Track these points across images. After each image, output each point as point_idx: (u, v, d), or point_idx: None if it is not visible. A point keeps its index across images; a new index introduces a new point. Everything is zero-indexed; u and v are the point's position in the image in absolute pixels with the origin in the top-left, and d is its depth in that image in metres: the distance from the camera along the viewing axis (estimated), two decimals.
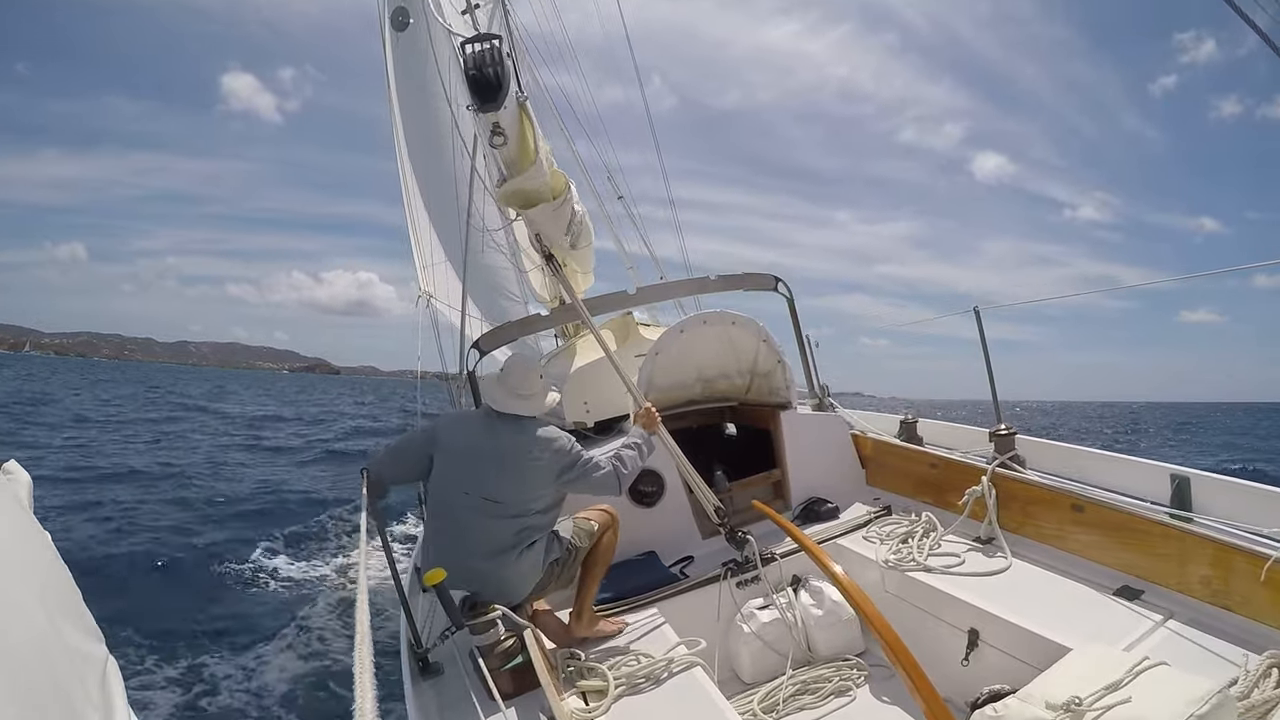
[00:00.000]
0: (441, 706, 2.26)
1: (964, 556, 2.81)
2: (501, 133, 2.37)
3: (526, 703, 2.14)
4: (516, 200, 2.78)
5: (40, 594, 0.79)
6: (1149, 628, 2.15)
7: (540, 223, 2.89)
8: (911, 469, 3.53)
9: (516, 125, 2.50)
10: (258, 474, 13.30)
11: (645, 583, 2.86)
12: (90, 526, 8.30)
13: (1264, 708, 1.65)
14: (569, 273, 4.54)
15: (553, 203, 2.82)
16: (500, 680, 2.18)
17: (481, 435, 2.44)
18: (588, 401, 4.53)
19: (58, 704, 0.73)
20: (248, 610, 6.26)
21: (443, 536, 2.41)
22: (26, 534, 0.88)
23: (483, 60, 2.21)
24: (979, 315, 3.44)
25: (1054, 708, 1.55)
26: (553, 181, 2.77)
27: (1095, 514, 2.60)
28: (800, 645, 2.76)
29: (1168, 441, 28.76)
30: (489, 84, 2.24)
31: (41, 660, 0.73)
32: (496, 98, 2.26)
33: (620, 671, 2.17)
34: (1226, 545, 2.17)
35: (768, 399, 3.93)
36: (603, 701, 2.05)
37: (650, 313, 6.33)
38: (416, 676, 2.41)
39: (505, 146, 2.45)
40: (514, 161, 2.63)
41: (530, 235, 3.16)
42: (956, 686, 2.28)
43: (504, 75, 2.22)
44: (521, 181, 2.65)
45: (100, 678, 0.85)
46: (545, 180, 2.71)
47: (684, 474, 3.09)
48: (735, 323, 3.73)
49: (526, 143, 2.57)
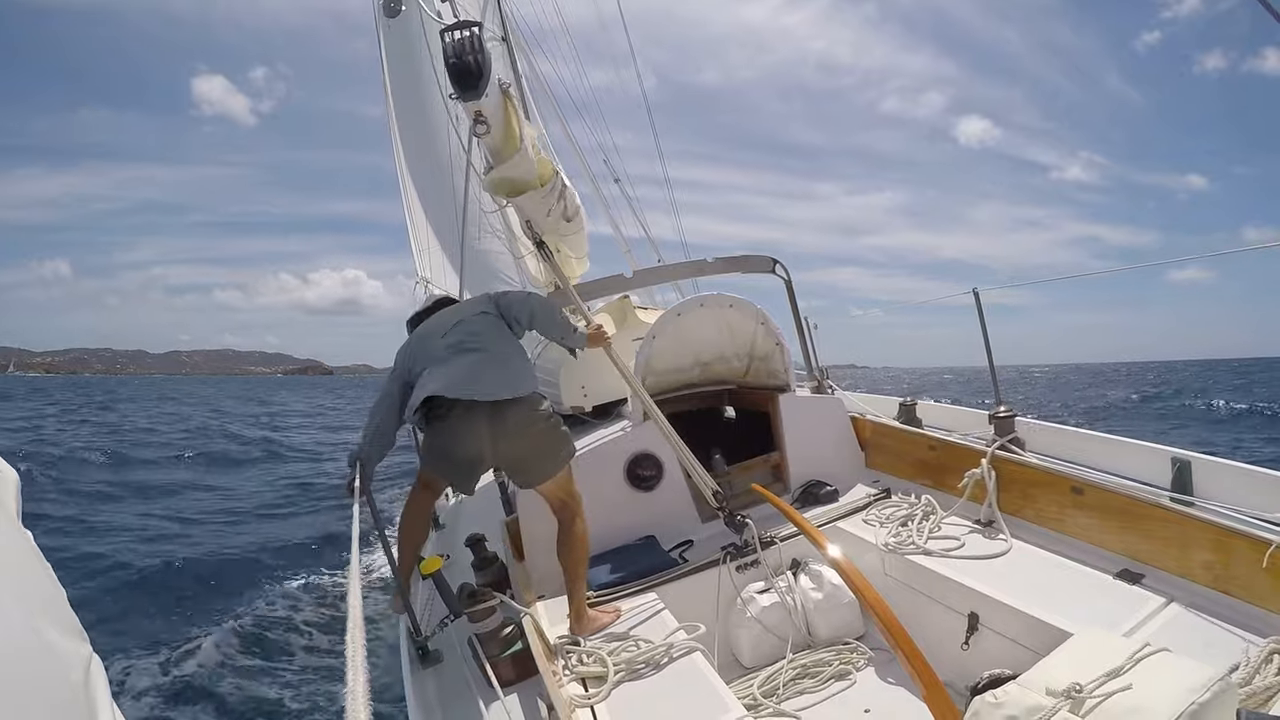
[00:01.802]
0: (441, 694, 2.26)
1: (964, 539, 2.81)
2: (484, 121, 2.33)
3: (526, 690, 2.14)
4: (503, 188, 2.75)
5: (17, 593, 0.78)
6: (1150, 612, 2.14)
7: (529, 210, 2.86)
8: (911, 451, 3.52)
9: (500, 113, 2.45)
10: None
11: (644, 567, 2.85)
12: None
13: (1266, 694, 1.65)
14: (562, 258, 4.50)
15: (540, 190, 2.78)
16: (499, 667, 2.18)
17: (429, 323, 2.59)
18: (584, 386, 4.52)
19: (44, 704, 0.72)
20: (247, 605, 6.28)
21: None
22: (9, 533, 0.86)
23: (463, 48, 2.16)
24: (978, 297, 3.41)
25: (1054, 693, 1.55)
26: (539, 169, 2.73)
27: (1096, 497, 2.59)
28: (800, 629, 2.76)
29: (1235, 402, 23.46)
30: (469, 72, 2.19)
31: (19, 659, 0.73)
32: (478, 86, 2.22)
33: (620, 657, 2.16)
34: (1228, 530, 2.16)
35: (766, 382, 3.91)
36: (602, 687, 2.05)
37: (647, 296, 6.31)
38: (416, 665, 2.42)
39: (489, 135, 2.42)
40: (498, 149, 2.59)
41: (520, 222, 3.13)
42: (956, 670, 2.29)
43: (485, 63, 2.17)
44: (507, 169, 2.62)
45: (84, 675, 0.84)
46: (532, 168, 2.67)
47: (682, 458, 3.08)
48: (733, 305, 3.69)
49: (511, 130, 2.53)
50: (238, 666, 5.01)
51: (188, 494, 11.54)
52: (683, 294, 5.76)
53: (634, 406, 3.47)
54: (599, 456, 3.24)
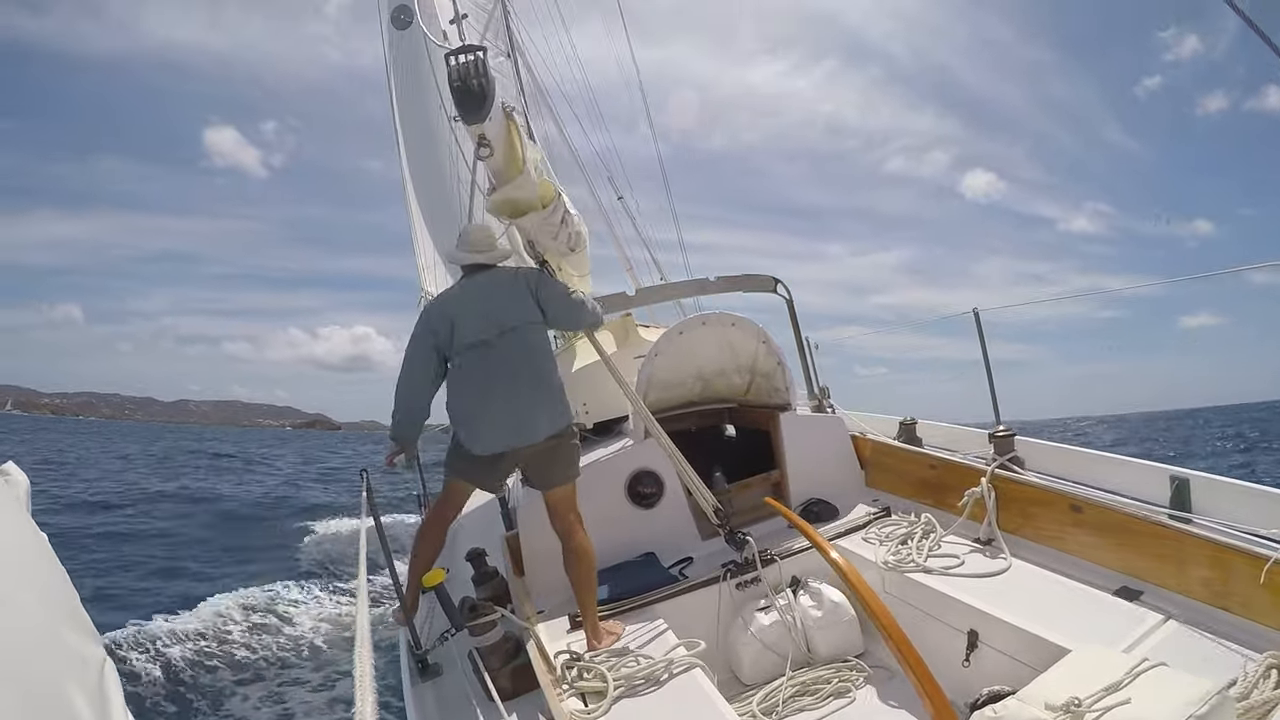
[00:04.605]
0: (441, 708, 2.26)
1: (964, 558, 2.81)
2: (487, 144, 2.38)
3: (525, 704, 2.14)
4: (505, 209, 2.79)
5: (40, 595, 0.80)
6: (1148, 629, 2.14)
7: (531, 231, 2.90)
8: (911, 470, 3.53)
9: (504, 136, 2.50)
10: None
11: (645, 584, 2.85)
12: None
13: (1263, 708, 1.65)
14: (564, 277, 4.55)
15: (543, 211, 2.83)
16: (499, 681, 2.18)
17: (464, 292, 2.69)
18: (586, 403, 4.54)
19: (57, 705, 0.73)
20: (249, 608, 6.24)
21: (474, 397, 2.56)
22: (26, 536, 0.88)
23: (468, 72, 2.21)
24: (978, 317, 3.45)
25: (1053, 708, 1.55)
26: (542, 190, 2.77)
27: (1095, 515, 2.60)
28: (800, 646, 2.75)
29: None
30: (474, 96, 2.24)
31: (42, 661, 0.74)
32: (481, 109, 2.26)
33: (620, 673, 2.16)
34: (1226, 546, 2.17)
35: (767, 400, 3.93)
36: (602, 703, 2.05)
37: (650, 314, 6.35)
38: (416, 678, 2.42)
39: (492, 158, 2.47)
40: (501, 171, 2.64)
41: (522, 242, 3.17)
42: (956, 687, 2.28)
43: (489, 87, 2.22)
44: (510, 191, 2.67)
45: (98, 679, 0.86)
46: (534, 189, 2.72)
47: (683, 475, 3.09)
48: (734, 324, 3.73)
49: (514, 153, 2.58)
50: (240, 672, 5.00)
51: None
52: (685, 314, 5.80)
53: (635, 424, 3.48)
54: (600, 473, 3.25)
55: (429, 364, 2.60)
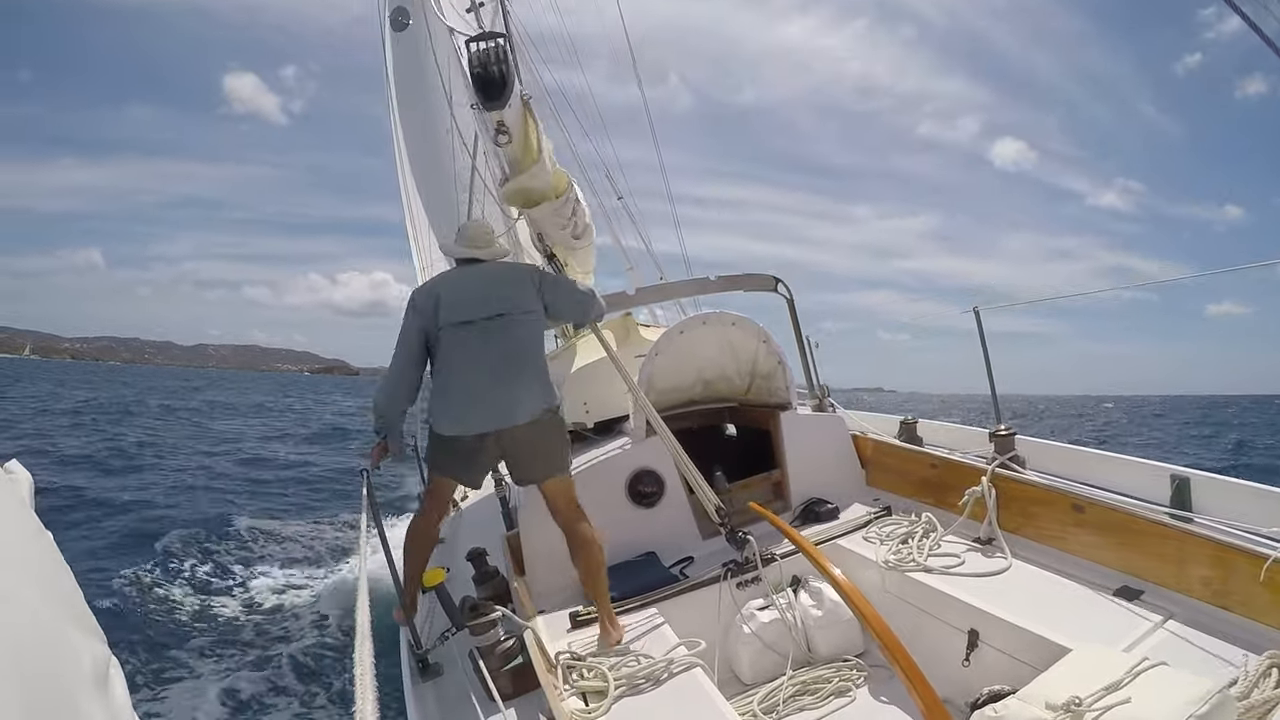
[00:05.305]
0: (441, 707, 2.26)
1: (964, 557, 2.81)
2: (506, 131, 2.38)
3: (526, 703, 2.14)
4: (519, 199, 2.79)
5: (44, 593, 0.80)
6: (1149, 628, 2.15)
7: (543, 221, 2.90)
8: (911, 469, 3.54)
9: (521, 123, 2.50)
10: None
11: (645, 583, 2.86)
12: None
13: (1264, 708, 1.65)
14: (569, 273, 4.54)
15: (555, 201, 2.82)
16: (500, 681, 2.18)
17: (456, 275, 2.65)
18: (587, 402, 4.54)
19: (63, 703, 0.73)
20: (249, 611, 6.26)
21: (454, 373, 2.49)
22: (30, 533, 0.88)
23: (488, 58, 2.21)
24: (979, 316, 3.45)
25: (1054, 708, 1.56)
26: (555, 180, 2.77)
27: (1095, 514, 2.60)
28: (800, 646, 2.76)
29: None
30: (494, 82, 2.24)
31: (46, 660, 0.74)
32: (501, 95, 2.26)
33: (620, 672, 2.16)
34: (1226, 545, 2.17)
35: (767, 399, 3.93)
36: (602, 702, 2.05)
37: (650, 313, 6.34)
38: (416, 677, 2.42)
39: (509, 145, 2.46)
40: (517, 160, 2.63)
41: (532, 234, 3.17)
42: (957, 687, 2.28)
43: (509, 73, 2.23)
44: (525, 180, 2.66)
45: (104, 677, 0.85)
46: (548, 179, 2.72)
47: (684, 474, 3.09)
48: (735, 323, 3.73)
49: (530, 141, 2.58)
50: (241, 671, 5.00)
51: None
52: (685, 313, 5.80)
53: (636, 423, 3.48)
54: (600, 472, 3.25)
55: (412, 345, 2.54)
